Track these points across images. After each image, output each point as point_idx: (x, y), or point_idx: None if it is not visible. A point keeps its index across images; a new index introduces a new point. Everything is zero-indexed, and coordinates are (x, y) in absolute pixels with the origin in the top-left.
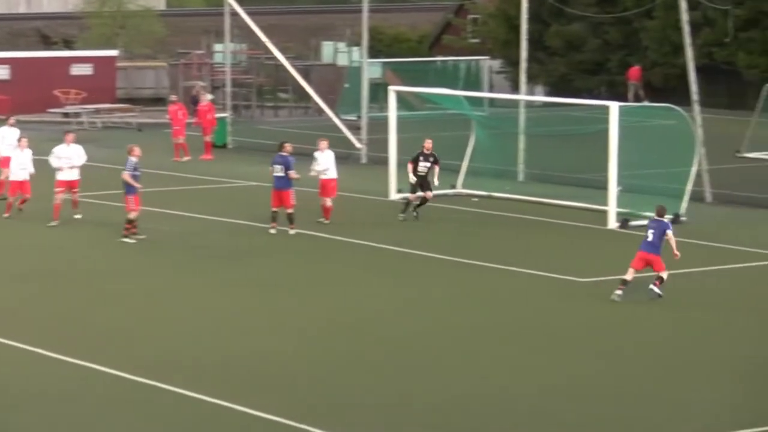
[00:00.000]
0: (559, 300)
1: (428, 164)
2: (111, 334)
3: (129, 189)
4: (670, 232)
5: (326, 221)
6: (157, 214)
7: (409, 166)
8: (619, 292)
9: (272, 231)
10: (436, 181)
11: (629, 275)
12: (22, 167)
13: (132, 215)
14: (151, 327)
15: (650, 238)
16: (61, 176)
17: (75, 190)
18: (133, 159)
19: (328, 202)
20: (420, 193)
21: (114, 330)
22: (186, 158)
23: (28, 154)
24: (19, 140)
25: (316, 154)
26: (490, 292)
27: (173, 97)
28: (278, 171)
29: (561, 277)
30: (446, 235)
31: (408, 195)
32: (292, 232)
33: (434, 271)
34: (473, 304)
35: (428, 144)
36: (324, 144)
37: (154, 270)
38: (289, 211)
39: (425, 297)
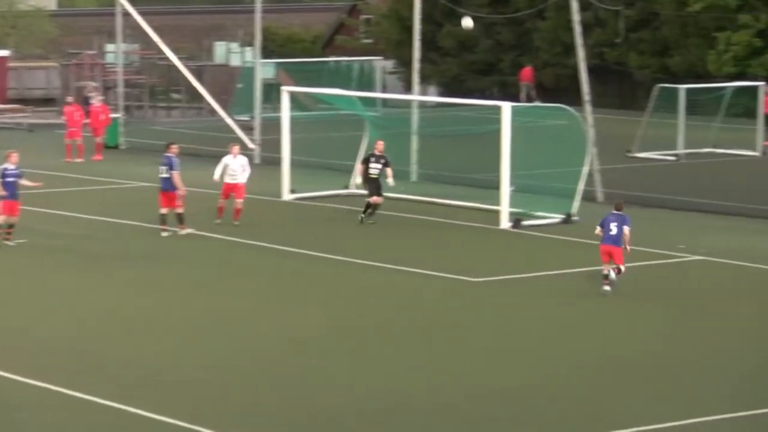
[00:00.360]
0: (454, 300)
1: (379, 166)
2: None
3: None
4: (627, 228)
5: (236, 222)
6: (46, 215)
7: (359, 167)
8: (606, 287)
9: (164, 234)
10: (390, 182)
11: (606, 269)
12: None
13: (1, 219)
14: (31, 327)
15: (614, 231)
16: None
17: None
18: (3, 165)
19: (239, 203)
20: (376, 198)
21: None
22: (79, 159)
23: None
24: None
25: (227, 159)
26: (385, 293)
27: (69, 98)
28: (163, 172)
29: (455, 277)
30: (339, 235)
31: (369, 199)
32: (182, 232)
33: (328, 272)
34: (370, 305)
35: (380, 146)
36: (236, 149)
37: (39, 271)
38: (178, 211)
39: (321, 297)
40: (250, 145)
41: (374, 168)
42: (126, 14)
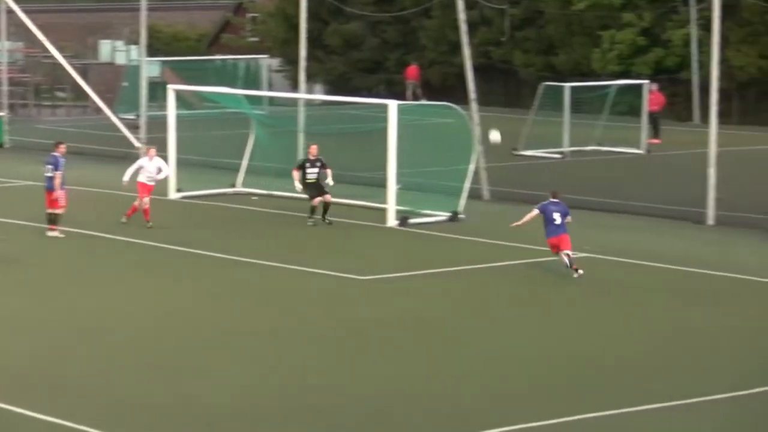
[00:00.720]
0: (339, 299)
1: (316, 170)
2: None
3: None
4: (570, 218)
5: (124, 220)
6: None
7: (295, 174)
8: (578, 273)
9: (50, 234)
10: (330, 182)
11: (565, 260)
12: None
13: None
14: None
15: (558, 221)
16: None
17: None
18: None
19: (147, 204)
20: (320, 198)
21: None
22: None
23: None
24: None
25: (143, 161)
26: (272, 292)
27: None
28: (49, 171)
29: (342, 275)
30: (226, 234)
31: (313, 201)
32: (51, 233)
33: (215, 271)
34: (258, 304)
35: (313, 150)
36: (152, 152)
37: None
38: (58, 211)
39: (207, 296)
40: (136, 144)
41: (312, 172)
42: (10, 12)
